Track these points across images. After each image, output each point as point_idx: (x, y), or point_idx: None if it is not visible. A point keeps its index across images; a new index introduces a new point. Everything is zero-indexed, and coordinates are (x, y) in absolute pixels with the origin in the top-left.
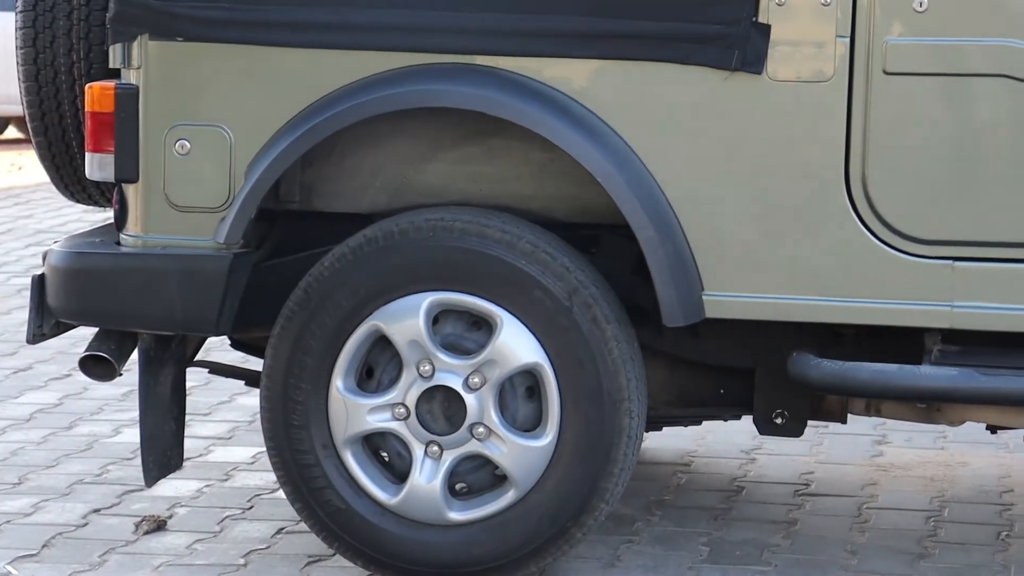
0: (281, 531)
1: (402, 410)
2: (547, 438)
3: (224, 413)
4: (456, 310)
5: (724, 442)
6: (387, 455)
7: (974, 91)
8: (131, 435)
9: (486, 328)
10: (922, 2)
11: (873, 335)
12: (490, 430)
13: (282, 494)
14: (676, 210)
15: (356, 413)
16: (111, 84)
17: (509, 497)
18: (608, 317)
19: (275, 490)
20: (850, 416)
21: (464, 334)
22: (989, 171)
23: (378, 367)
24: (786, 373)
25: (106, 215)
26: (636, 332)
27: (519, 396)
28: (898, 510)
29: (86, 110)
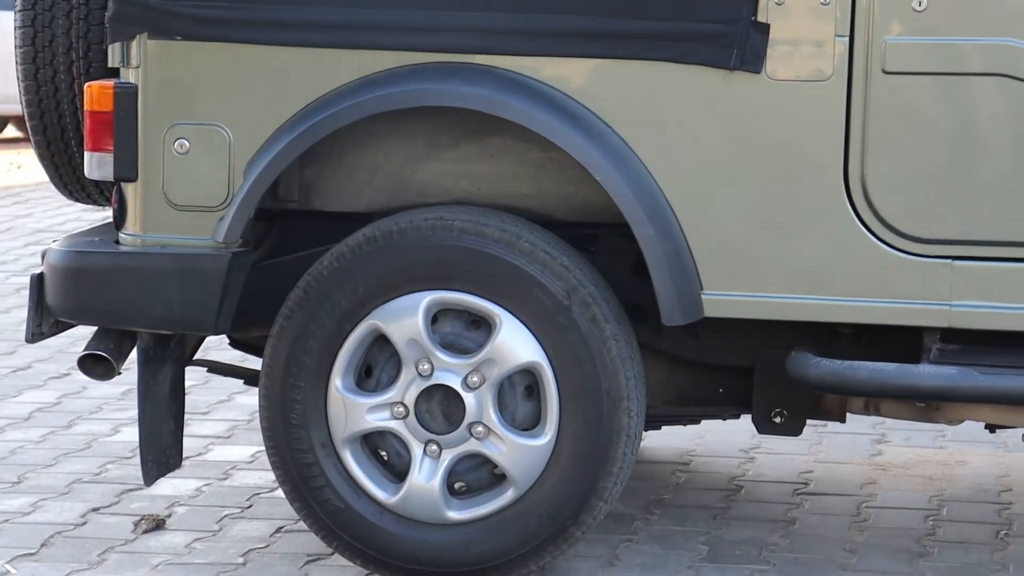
0: (280, 530)
1: (401, 409)
2: (546, 437)
3: (223, 412)
4: (455, 309)
5: (723, 441)
6: (386, 454)
7: (973, 90)
8: (130, 434)
9: (485, 327)
10: (921, 1)
11: (872, 334)
12: (489, 429)
13: (281, 493)
14: (675, 209)
15: (355, 412)
16: (110, 83)
17: (508, 496)
18: (607, 316)
19: (274, 489)
20: (849, 415)
21: (463, 333)
22: (988, 170)
23: (377, 366)
24: (785, 372)
25: (105, 214)
26: (635, 331)
27: (518, 395)
28: (897, 509)
29: (85, 109)
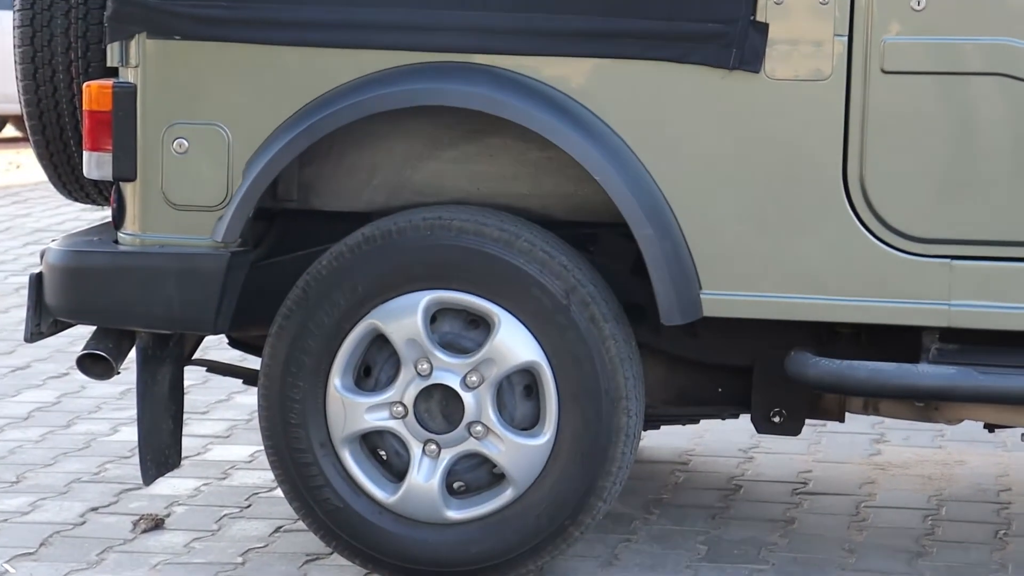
0: (279, 529)
1: (400, 409)
2: (545, 437)
3: (222, 411)
4: (454, 308)
5: (722, 441)
6: (385, 454)
7: (972, 90)
8: (129, 433)
9: (484, 327)
10: (920, 1)
11: (871, 334)
12: (488, 429)
13: (280, 493)
14: (674, 208)
15: (354, 412)
16: (109, 83)
17: (507, 496)
18: (606, 315)
19: (273, 489)
20: (848, 415)
21: (462, 333)
22: (987, 170)
23: (376, 366)
24: (784, 372)
25: (104, 214)
26: (634, 331)
27: (517, 395)
28: (896, 509)
29: (84, 109)
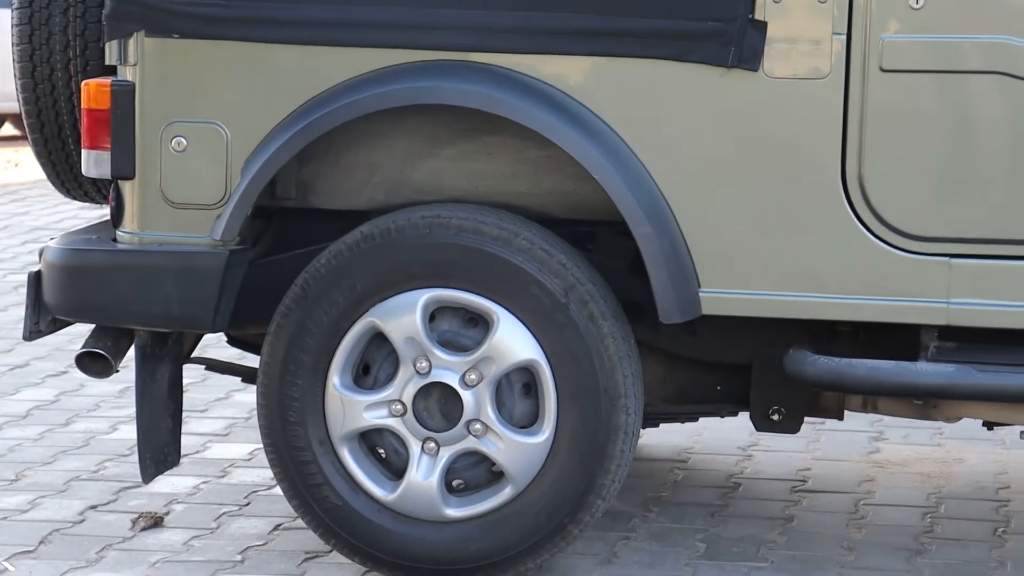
0: (278, 527)
1: (399, 407)
2: (544, 435)
3: (221, 410)
4: (453, 307)
5: (721, 439)
6: (384, 452)
7: (970, 88)
8: (128, 432)
9: (483, 325)
10: None
11: (870, 332)
12: (487, 427)
13: (279, 491)
14: (672, 207)
15: (353, 410)
16: (107, 81)
17: (506, 494)
18: (604, 314)
19: (272, 486)
20: (847, 413)
21: (461, 331)
22: (986, 168)
23: (375, 364)
24: (783, 370)
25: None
26: (633, 329)
27: (516, 393)
28: (895, 506)
29: (82, 107)
